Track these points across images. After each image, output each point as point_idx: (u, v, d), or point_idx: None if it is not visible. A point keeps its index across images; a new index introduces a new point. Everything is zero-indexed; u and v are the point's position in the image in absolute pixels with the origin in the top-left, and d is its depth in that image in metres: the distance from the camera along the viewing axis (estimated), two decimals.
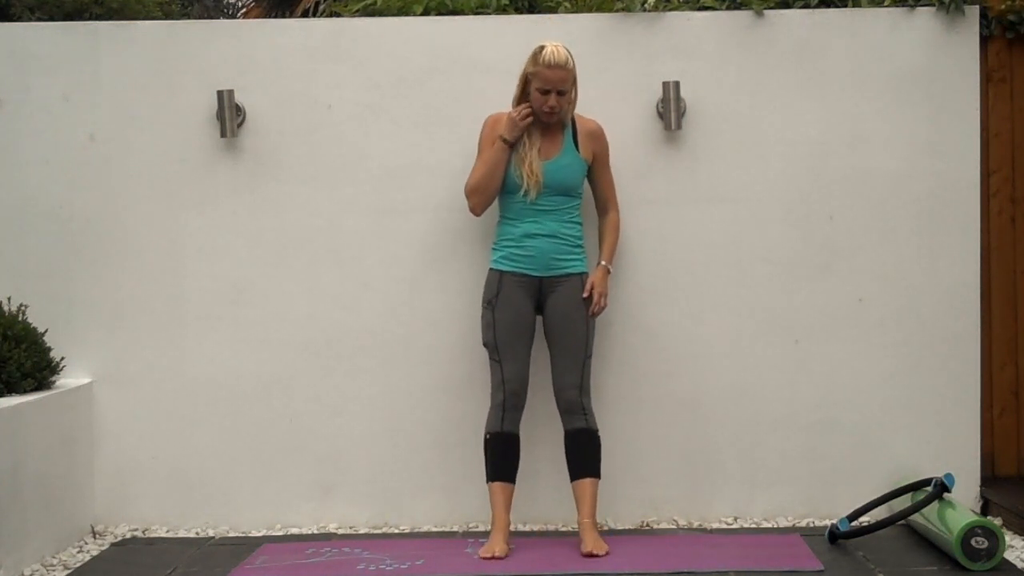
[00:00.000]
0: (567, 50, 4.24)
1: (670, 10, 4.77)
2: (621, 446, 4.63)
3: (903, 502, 4.44)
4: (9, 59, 4.74)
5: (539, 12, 4.95)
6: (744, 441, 4.74)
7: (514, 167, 4.31)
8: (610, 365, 4.66)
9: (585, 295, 4.34)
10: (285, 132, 4.74)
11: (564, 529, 4.62)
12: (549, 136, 4.35)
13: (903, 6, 4.72)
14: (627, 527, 4.67)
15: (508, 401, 4.29)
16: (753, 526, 4.67)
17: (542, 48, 4.22)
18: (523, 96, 4.29)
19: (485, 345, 4.37)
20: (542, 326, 4.40)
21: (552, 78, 4.21)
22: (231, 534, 4.70)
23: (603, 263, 4.42)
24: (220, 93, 4.66)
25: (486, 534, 4.31)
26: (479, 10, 4.90)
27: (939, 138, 4.69)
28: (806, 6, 4.79)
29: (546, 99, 4.23)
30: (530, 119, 4.26)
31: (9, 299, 4.55)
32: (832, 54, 4.70)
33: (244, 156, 4.74)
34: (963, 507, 4.25)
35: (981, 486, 4.72)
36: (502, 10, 4.92)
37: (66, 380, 4.67)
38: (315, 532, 4.70)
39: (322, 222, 4.74)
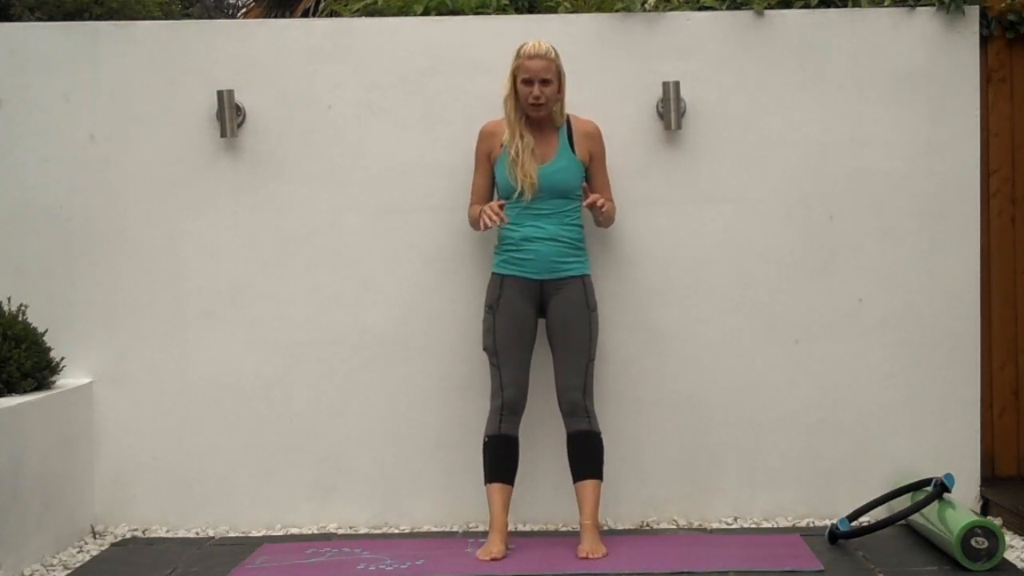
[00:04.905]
0: (550, 44, 4.27)
1: (670, 10, 4.77)
2: (621, 446, 4.63)
3: (903, 502, 4.44)
4: (9, 59, 4.74)
5: (539, 12, 4.95)
6: (744, 441, 4.74)
7: (508, 169, 4.31)
8: (610, 365, 4.66)
9: (588, 202, 4.29)
10: (285, 132, 4.74)
11: (564, 529, 4.62)
12: (544, 138, 4.35)
13: (903, 6, 4.72)
14: (627, 527, 4.67)
15: (506, 407, 4.29)
16: (753, 526, 4.67)
17: (524, 43, 4.28)
18: (514, 93, 4.30)
19: (485, 350, 4.37)
20: (544, 328, 4.39)
21: (533, 67, 4.23)
22: (231, 534, 4.70)
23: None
24: (220, 93, 4.66)
25: (486, 534, 4.31)
26: (479, 10, 4.90)
27: (939, 138, 4.69)
28: (806, 6, 4.79)
29: (530, 90, 4.24)
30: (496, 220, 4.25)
31: (9, 299, 4.55)
32: (832, 54, 4.70)
33: (244, 156, 4.74)
34: (963, 507, 4.25)
35: (981, 486, 4.72)
36: (502, 10, 4.92)
37: (66, 380, 4.67)
38: (315, 532, 4.70)
39: (322, 222, 4.74)
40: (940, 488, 4.22)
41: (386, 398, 4.75)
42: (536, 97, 4.24)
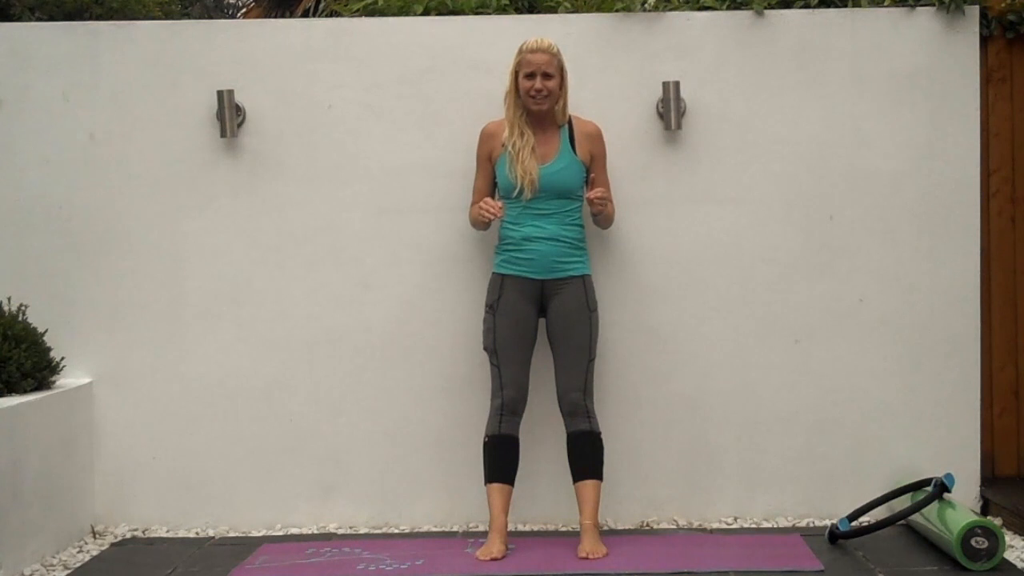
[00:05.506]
0: (552, 41, 4.30)
1: (670, 10, 4.78)
2: (622, 446, 4.63)
3: (903, 502, 4.44)
4: (9, 59, 4.74)
5: (539, 12, 4.95)
6: (744, 441, 4.74)
7: (508, 168, 4.31)
8: (610, 365, 4.66)
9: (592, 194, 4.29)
10: (285, 132, 4.74)
11: (564, 529, 4.62)
12: (545, 137, 4.35)
13: (903, 6, 4.72)
14: (627, 527, 4.67)
15: (507, 406, 4.29)
16: (753, 526, 4.67)
17: (526, 40, 4.30)
18: (515, 90, 4.31)
19: (485, 349, 4.37)
20: (544, 328, 4.39)
21: (535, 60, 4.24)
22: (231, 534, 4.70)
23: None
24: (220, 93, 4.66)
25: (486, 534, 4.31)
26: (479, 10, 4.90)
27: (939, 138, 4.70)
28: (806, 6, 4.79)
29: (532, 83, 4.25)
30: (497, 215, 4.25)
31: (9, 299, 4.55)
32: (832, 54, 4.70)
33: (244, 156, 4.74)
34: (963, 507, 4.25)
35: (981, 486, 4.72)
36: (502, 10, 4.92)
37: (66, 380, 4.67)
38: (315, 532, 4.70)
39: (322, 222, 4.74)
40: (940, 488, 4.22)
41: (386, 398, 4.75)
42: (538, 90, 4.25)
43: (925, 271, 4.71)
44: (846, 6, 4.79)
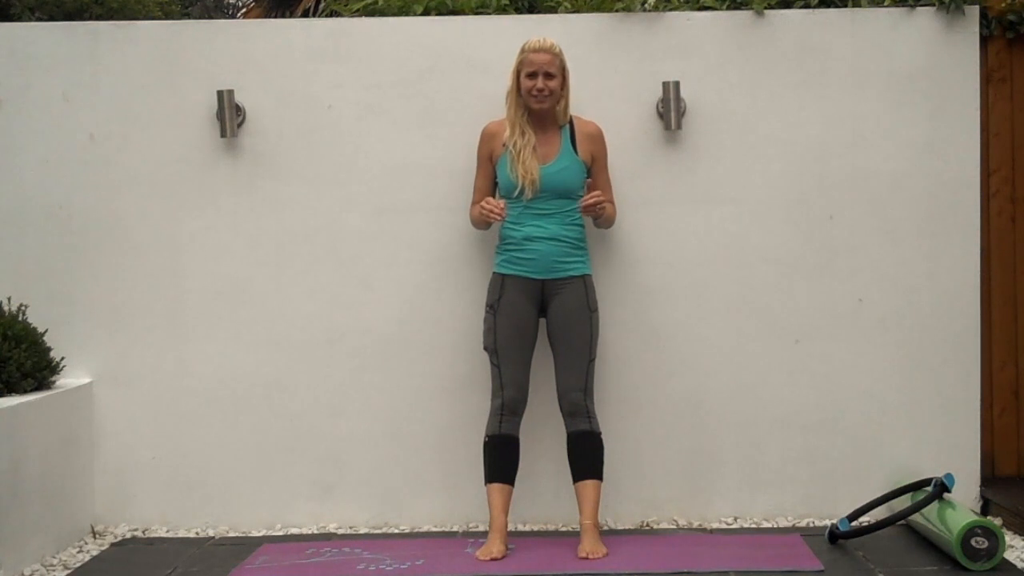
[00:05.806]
0: (555, 41, 4.30)
1: (670, 10, 4.77)
2: (622, 446, 4.63)
3: (903, 502, 4.44)
4: (9, 59, 4.74)
5: (539, 12, 4.95)
6: (744, 441, 4.74)
7: (509, 167, 4.31)
8: (611, 365, 4.66)
9: (587, 203, 4.29)
10: (285, 132, 4.74)
11: (564, 529, 4.62)
12: (546, 137, 4.35)
13: (903, 6, 4.72)
14: (627, 527, 4.67)
15: (507, 406, 4.29)
16: (753, 526, 4.67)
17: (528, 40, 4.31)
18: (516, 90, 4.31)
19: (485, 349, 4.37)
20: (545, 328, 4.39)
21: (538, 60, 4.25)
22: (231, 534, 4.70)
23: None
24: (220, 93, 4.67)
25: (486, 534, 4.31)
26: (479, 10, 4.90)
27: (939, 138, 4.70)
28: (806, 6, 4.79)
29: (534, 83, 4.25)
30: (498, 217, 4.26)
31: (9, 299, 4.55)
32: (832, 54, 4.70)
33: (244, 156, 4.74)
34: (963, 507, 4.25)
35: (981, 486, 4.72)
36: (502, 10, 4.92)
37: (66, 380, 4.67)
38: (315, 532, 4.70)
39: (322, 222, 4.74)
40: (940, 488, 4.22)
41: (386, 398, 4.75)
42: (540, 89, 4.25)
43: (925, 271, 4.71)
44: (846, 6, 4.79)
